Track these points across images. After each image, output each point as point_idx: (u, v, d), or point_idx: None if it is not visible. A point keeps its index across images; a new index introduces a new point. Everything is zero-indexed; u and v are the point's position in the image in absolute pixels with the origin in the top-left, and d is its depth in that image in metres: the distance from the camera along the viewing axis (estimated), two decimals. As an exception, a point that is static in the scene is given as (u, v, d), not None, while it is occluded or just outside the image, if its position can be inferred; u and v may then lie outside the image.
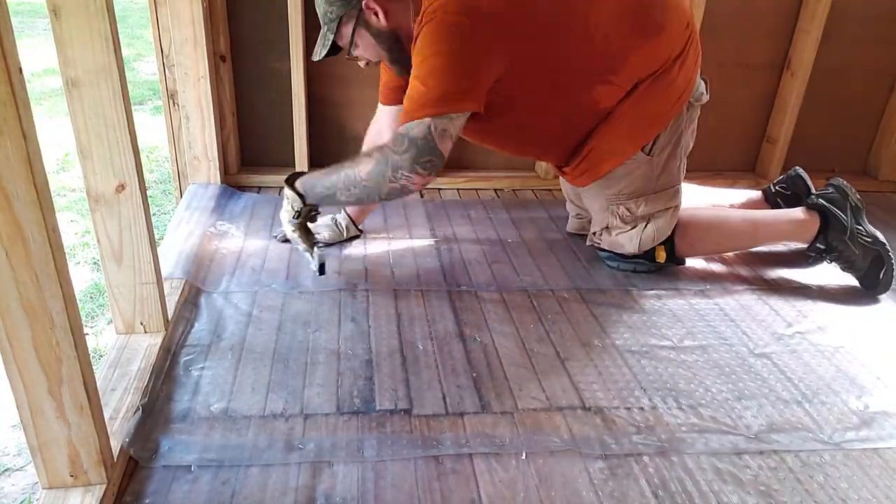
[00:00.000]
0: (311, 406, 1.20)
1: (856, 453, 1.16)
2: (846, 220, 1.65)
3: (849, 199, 1.67)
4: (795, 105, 2.24)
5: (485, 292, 1.60)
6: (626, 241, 1.66)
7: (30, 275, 0.82)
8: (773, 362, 1.40)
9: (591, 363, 1.36)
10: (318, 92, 2.10)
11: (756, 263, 1.81)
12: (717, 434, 1.18)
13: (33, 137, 0.77)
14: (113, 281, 1.25)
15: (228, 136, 2.07)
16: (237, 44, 2.02)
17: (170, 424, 1.14)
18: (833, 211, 1.66)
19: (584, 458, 1.11)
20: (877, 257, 1.64)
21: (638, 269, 1.70)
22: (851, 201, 1.67)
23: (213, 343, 1.36)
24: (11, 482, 1.45)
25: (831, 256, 1.70)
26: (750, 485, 1.08)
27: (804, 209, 1.72)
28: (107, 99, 1.07)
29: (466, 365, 1.33)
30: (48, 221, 0.80)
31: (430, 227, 1.92)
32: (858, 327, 1.54)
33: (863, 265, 1.66)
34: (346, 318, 1.46)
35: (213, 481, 1.03)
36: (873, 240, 1.65)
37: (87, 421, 0.92)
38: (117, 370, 1.21)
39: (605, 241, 1.71)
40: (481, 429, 1.16)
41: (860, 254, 1.64)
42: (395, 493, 1.03)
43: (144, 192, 1.19)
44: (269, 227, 1.86)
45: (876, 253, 1.64)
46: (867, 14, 2.23)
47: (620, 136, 1.56)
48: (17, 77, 0.74)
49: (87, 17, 1.01)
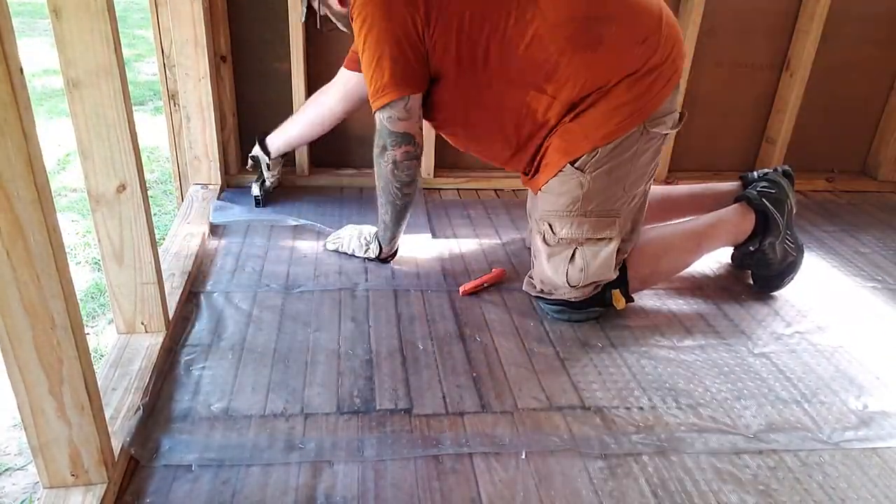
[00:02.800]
0: (311, 406, 1.20)
1: (855, 453, 1.16)
2: (782, 223, 1.60)
3: (788, 201, 1.62)
4: (795, 105, 2.25)
5: (485, 292, 1.60)
6: (552, 273, 1.49)
7: (31, 274, 0.82)
8: (772, 362, 1.40)
9: (591, 363, 1.36)
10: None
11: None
12: (716, 434, 1.19)
13: (34, 137, 0.78)
14: (114, 281, 1.25)
15: (229, 137, 2.07)
16: (237, 44, 2.02)
17: (170, 424, 1.14)
18: (774, 215, 1.60)
19: (583, 458, 1.12)
20: (791, 264, 1.62)
21: (590, 318, 1.52)
22: (789, 204, 1.62)
23: (214, 343, 1.36)
24: (12, 482, 1.46)
25: (754, 258, 1.63)
26: (749, 484, 1.08)
27: (741, 208, 1.63)
28: (107, 99, 1.08)
29: (466, 365, 1.33)
30: (49, 221, 0.81)
31: (430, 227, 1.92)
32: (858, 327, 1.54)
33: (777, 269, 1.63)
34: (346, 318, 1.47)
35: (214, 481, 1.03)
36: (796, 246, 1.62)
37: (88, 420, 0.92)
38: (118, 370, 1.21)
39: (536, 276, 1.56)
40: (481, 428, 1.17)
41: (780, 258, 1.61)
42: (395, 493, 1.03)
43: (145, 192, 1.20)
44: (269, 226, 1.86)
45: (792, 259, 1.62)
46: (867, 14, 2.23)
47: (556, 149, 1.48)
48: (18, 77, 0.74)
49: (87, 17, 1.02)
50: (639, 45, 1.42)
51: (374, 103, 1.49)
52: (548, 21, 1.39)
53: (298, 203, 2.01)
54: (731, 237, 1.64)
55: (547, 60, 1.41)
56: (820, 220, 2.13)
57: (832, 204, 2.26)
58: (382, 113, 1.49)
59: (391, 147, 1.52)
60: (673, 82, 1.47)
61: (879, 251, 1.93)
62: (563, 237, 1.49)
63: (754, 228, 1.61)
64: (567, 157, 1.46)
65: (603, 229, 1.48)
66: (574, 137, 1.45)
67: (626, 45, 1.42)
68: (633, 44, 1.42)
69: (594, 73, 1.41)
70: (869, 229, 2.07)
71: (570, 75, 1.41)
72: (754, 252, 1.62)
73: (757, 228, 1.61)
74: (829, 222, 2.11)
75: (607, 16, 1.41)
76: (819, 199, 2.30)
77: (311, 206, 2.01)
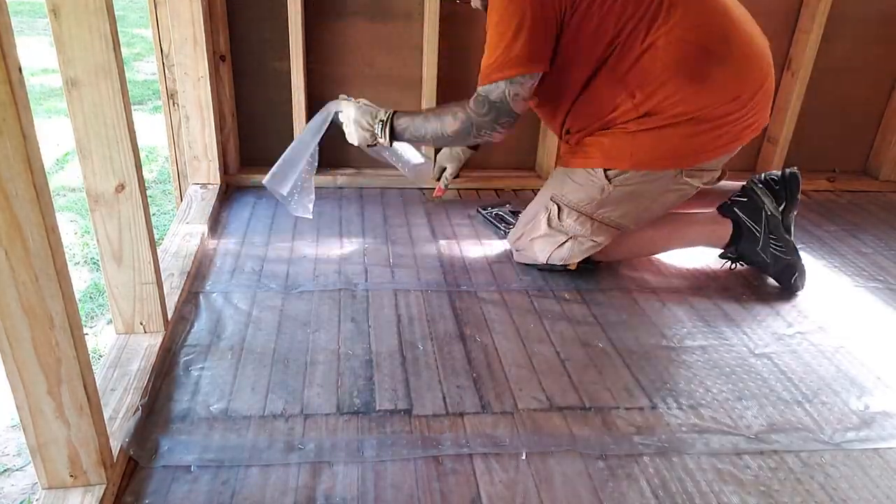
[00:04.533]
0: (310, 406, 1.20)
1: (856, 453, 1.16)
2: (759, 231, 1.62)
3: (764, 210, 1.62)
4: (796, 105, 2.24)
5: (485, 292, 1.60)
6: (538, 251, 1.63)
7: (29, 275, 0.81)
8: (773, 362, 1.39)
9: (591, 363, 1.36)
10: (318, 92, 2.10)
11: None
12: (717, 434, 1.18)
13: (33, 137, 0.77)
14: (113, 281, 1.25)
15: (228, 136, 2.07)
16: (237, 44, 2.02)
17: (169, 424, 1.13)
18: (746, 223, 1.63)
19: (584, 459, 1.11)
20: (788, 265, 1.63)
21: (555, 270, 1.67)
22: (767, 210, 1.62)
23: (213, 343, 1.36)
24: (11, 482, 1.45)
25: (743, 262, 1.71)
26: (750, 485, 1.08)
27: (718, 215, 1.69)
28: (106, 99, 1.07)
29: (466, 365, 1.33)
30: (48, 221, 0.80)
31: (430, 227, 1.92)
32: (858, 327, 1.54)
33: (774, 271, 1.65)
34: (346, 318, 1.46)
35: (213, 481, 1.03)
36: (787, 249, 1.62)
37: (87, 421, 0.92)
38: (117, 370, 1.21)
39: (520, 244, 1.68)
40: (481, 429, 1.16)
41: (771, 262, 1.63)
42: (395, 494, 1.03)
43: (144, 192, 1.19)
44: (269, 226, 1.86)
45: (787, 262, 1.62)
46: (867, 14, 2.23)
47: (601, 148, 1.54)
48: (17, 76, 0.73)
49: (86, 16, 1.01)
50: (731, 101, 1.47)
51: (501, 72, 1.44)
52: (670, 35, 1.43)
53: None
54: (708, 240, 1.71)
55: (650, 71, 1.45)
56: (821, 219, 2.12)
57: (833, 204, 2.26)
58: (511, 87, 1.45)
59: (499, 126, 1.50)
60: (732, 147, 1.55)
61: (881, 251, 1.92)
62: (565, 228, 1.58)
63: (731, 236, 1.67)
64: (605, 163, 1.53)
65: (601, 234, 1.59)
66: (621, 149, 1.52)
67: (721, 93, 1.47)
68: (729, 97, 1.47)
69: (681, 100, 1.46)
70: (870, 229, 2.07)
71: (661, 92, 1.45)
72: (737, 259, 1.70)
73: (732, 236, 1.66)
74: (831, 222, 2.11)
75: (722, 56, 1.46)
76: (820, 198, 2.29)
77: (311, 205, 2.00)
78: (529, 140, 2.27)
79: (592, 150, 1.56)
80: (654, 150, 1.50)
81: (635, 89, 1.47)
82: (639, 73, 1.47)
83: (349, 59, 2.08)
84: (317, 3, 2.00)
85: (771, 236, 1.62)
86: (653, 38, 1.44)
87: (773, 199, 1.63)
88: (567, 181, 1.60)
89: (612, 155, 1.53)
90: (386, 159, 1.71)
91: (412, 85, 2.12)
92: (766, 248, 1.62)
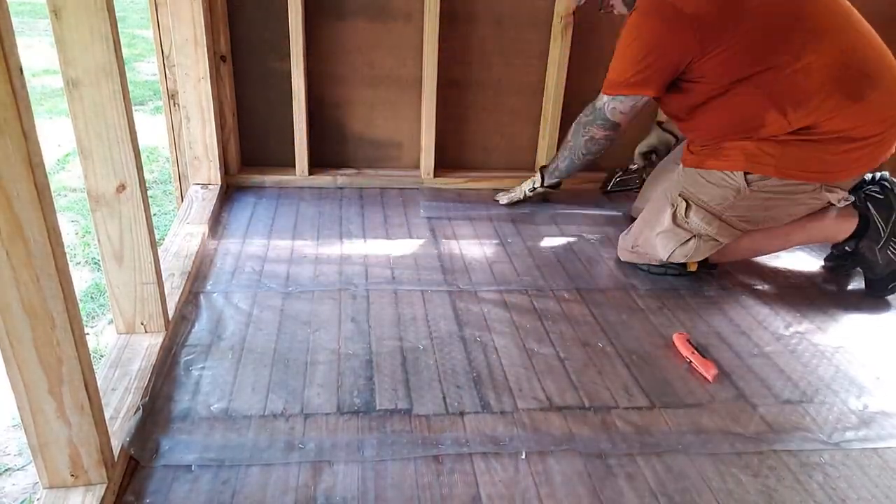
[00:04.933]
0: (311, 406, 1.20)
1: (855, 453, 1.16)
2: (884, 229, 1.62)
3: (894, 207, 1.62)
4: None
5: (485, 292, 1.60)
6: (661, 247, 1.64)
7: (30, 275, 0.82)
8: (772, 362, 1.40)
9: (591, 363, 1.36)
10: (318, 92, 2.10)
11: (756, 263, 1.81)
12: (716, 434, 1.19)
13: (34, 137, 0.77)
14: (114, 281, 1.25)
15: (229, 137, 2.07)
16: (237, 44, 2.02)
17: (170, 424, 1.14)
18: (875, 219, 1.62)
19: (583, 458, 1.12)
20: (894, 272, 1.62)
21: (669, 273, 1.70)
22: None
23: (214, 343, 1.36)
24: (12, 482, 1.46)
25: (854, 259, 1.69)
26: (750, 485, 1.08)
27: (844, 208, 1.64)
28: (107, 99, 1.08)
29: (466, 365, 1.33)
30: (49, 221, 0.81)
31: (430, 227, 1.92)
32: (858, 327, 1.55)
33: (881, 273, 1.64)
34: (346, 318, 1.47)
35: (214, 481, 1.03)
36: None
37: (88, 421, 0.92)
38: (118, 370, 1.21)
39: (640, 240, 1.70)
40: (481, 429, 1.16)
41: (883, 263, 1.62)
42: (395, 493, 1.03)
43: (145, 192, 1.19)
44: (270, 226, 1.86)
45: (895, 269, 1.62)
46: (867, 14, 2.22)
47: (744, 151, 1.55)
48: (18, 77, 0.74)
49: (87, 17, 1.02)
50: (880, 122, 1.49)
51: (611, 89, 1.64)
52: (823, 57, 1.46)
53: (297, 203, 2.01)
54: (827, 235, 1.70)
55: (805, 90, 1.47)
56: None
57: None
58: (612, 102, 1.65)
59: (597, 126, 1.70)
60: (871, 167, 1.56)
61: (880, 251, 1.92)
62: (690, 225, 1.61)
63: (855, 230, 1.64)
64: (749, 166, 1.55)
65: (725, 235, 1.61)
66: (767, 156, 1.53)
67: (874, 114, 1.49)
68: (879, 118, 1.49)
69: (838, 119, 1.47)
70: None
71: (818, 110, 1.47)
72: (851, 253, 1.68)
73: (857, 230, 1.64)
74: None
75: (875, 80, 1.49)
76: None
77: (311, 206, 2.01)
78: (529, 140, 2.27)
79: (734, 153, 1.56)
80: (803, 162, 1.52)
81: (787, 106, 1.48)
82: (792, 91, 1.48)
83: (349, 59, 2.08)
84: (317, 3, 2.00)
85: (893, 238, 1.61)
86: (807, 59, 1.46)
87: None
88: (699, 179, 1.61)
89: (756, 160, 1.54)
90: None
91: (412, 85, 2.12)
92: (885, 249, 1.62)
